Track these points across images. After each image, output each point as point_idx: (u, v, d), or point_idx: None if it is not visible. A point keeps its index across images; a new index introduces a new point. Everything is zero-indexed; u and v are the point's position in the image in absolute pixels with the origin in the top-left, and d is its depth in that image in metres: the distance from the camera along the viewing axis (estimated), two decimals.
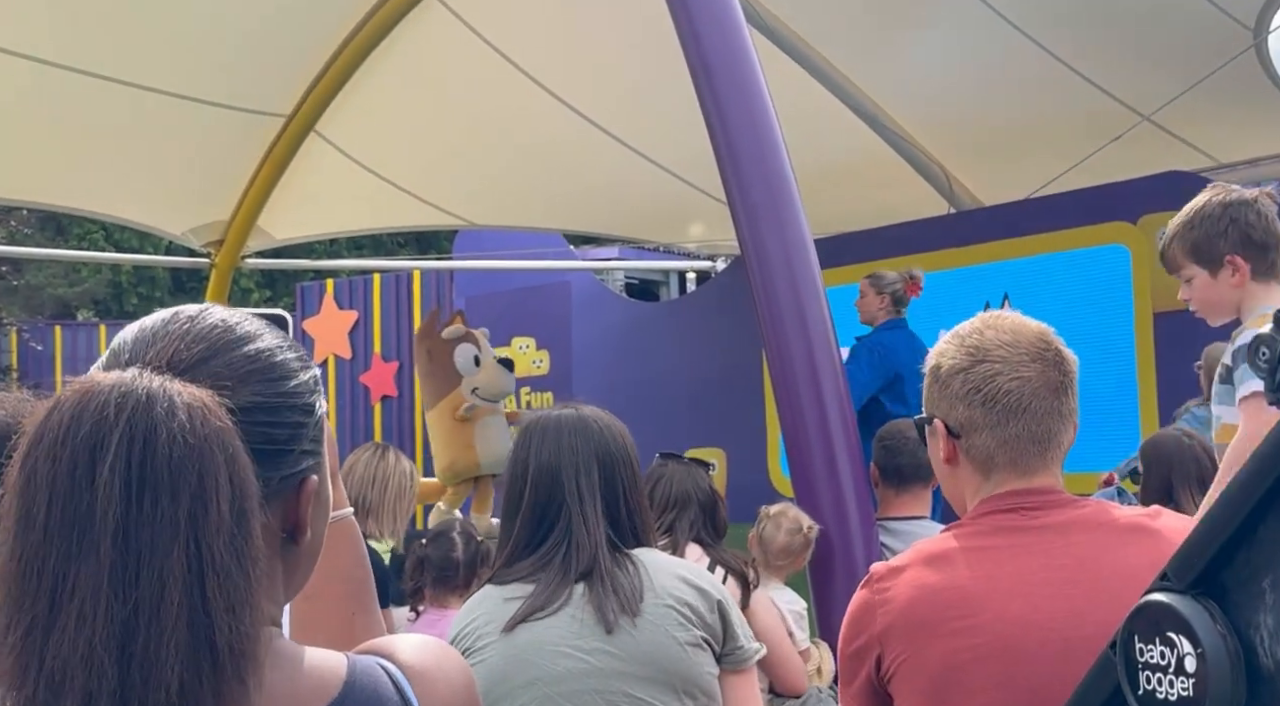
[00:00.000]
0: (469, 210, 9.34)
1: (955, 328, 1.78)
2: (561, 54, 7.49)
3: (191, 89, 7.03)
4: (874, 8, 7.27)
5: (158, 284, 21.21)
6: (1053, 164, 7.61)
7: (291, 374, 1.04)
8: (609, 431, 2.16)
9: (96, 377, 0.92)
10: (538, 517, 2.09)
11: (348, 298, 13.46)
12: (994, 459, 1.68)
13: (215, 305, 1.06)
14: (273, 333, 1.05)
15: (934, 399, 1.74)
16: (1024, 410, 1.66)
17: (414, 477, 3.89)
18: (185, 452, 0.88)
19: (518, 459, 2.15)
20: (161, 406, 0.89)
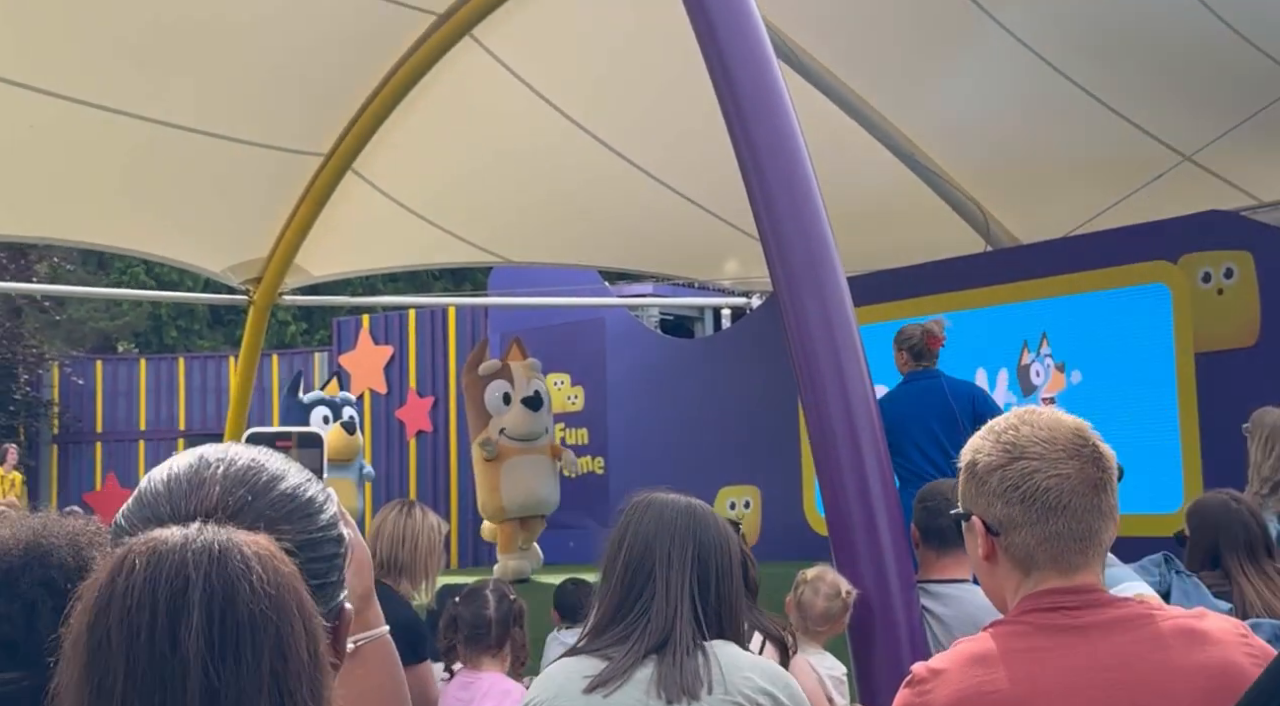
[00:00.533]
0: (504, 247, 9.38)
1: (990, 423, 1.75)
2: (596, 92, 7.53)
3: (232, 129, 7.12)
4: (909, 46, 7.27)
5: (196, 317, 21.44)
6: (1091, 202, 7.56)
7: (323, 507, 1.04)
8: (712, 520, 2.18)
9: (160, 536, 0.90)
10: (626, 587, 2.10)
11: (384, 333, 13.54)
12: (1034, 557, 1.66)
13: (233, 444, 1.05)
14: (295, 468, 1.05)
15: (971, 495, 1.72)
16: (1064, 508, 1.64)
17: (441, 531, 3.88)
18: (265, 605, 0.87)
19: (617, 531, 2.17)
20: (235, 560, 0.88)
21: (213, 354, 17.28)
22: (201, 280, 15.73)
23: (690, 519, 2.14)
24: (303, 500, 1.02)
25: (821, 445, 2.57)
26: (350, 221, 8.38)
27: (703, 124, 6.44)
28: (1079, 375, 8.08)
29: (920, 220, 8.50)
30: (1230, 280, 7.34)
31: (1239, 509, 3.51)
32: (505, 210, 8.76)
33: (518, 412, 8.54)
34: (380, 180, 8.12)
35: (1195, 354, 7.48)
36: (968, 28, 6.79)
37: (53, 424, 16.48)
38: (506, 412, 8.56)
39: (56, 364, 16.78)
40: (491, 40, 7.03)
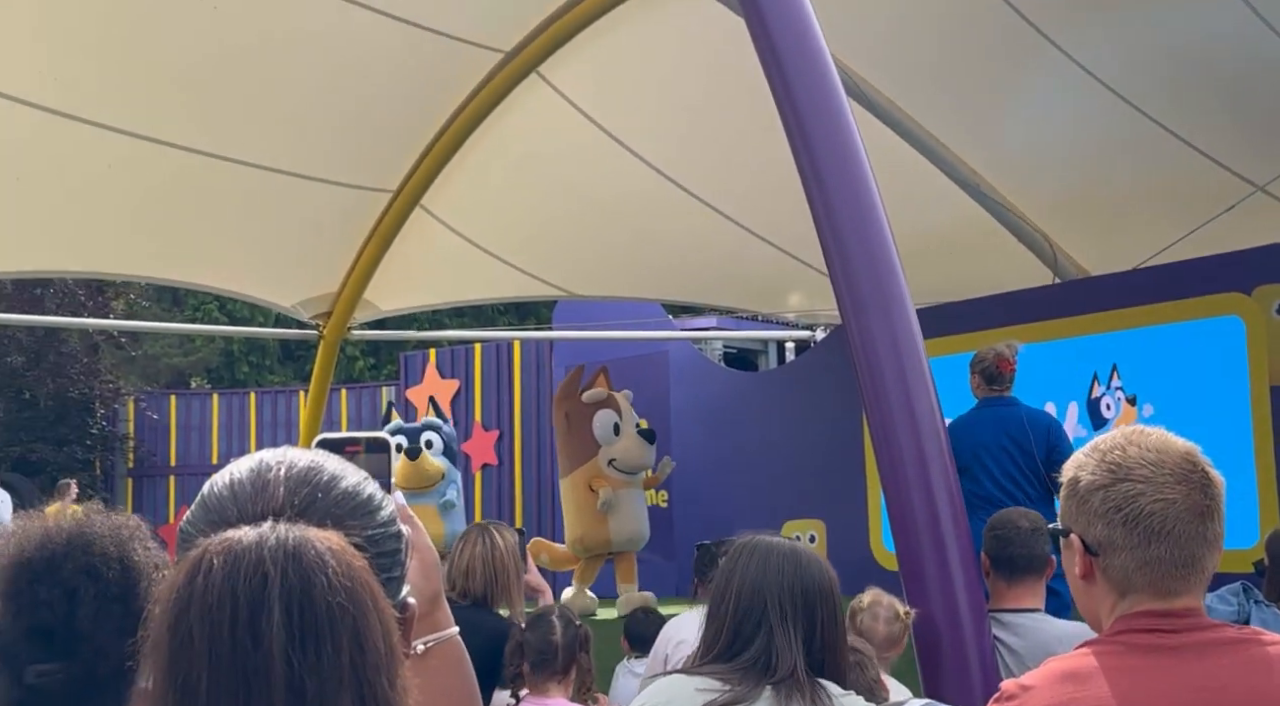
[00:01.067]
0: (569, 280, 9.45)
1: (1096, 440, 1.72)
2: (659, 126, 7.59)
3: (304, 167, 7.27)
4: (974, 77, 7.25)
5: (267, 353, 21.78)
6: (1161, 234, 7.45)
7: (382, 504, 1.06)
8: (817, 565, 2.24)
9: (235, 535, 0.92)
10: (735, 630, 2.17)
11: (449, 366, 13.67)
12: (1132, 580, 1.63)
13: (289, 448, 1.07)
14: (351, 468, 1.06)
15: (1071, 513, 1.69)
16: (1167, 533, 1.60)
17: (516, 551, 3.92)
18: (342, 597, 0.89)
19: (725, 573, 2.25)
20: (310, 554, 0.90)
21: (283, 388, 17.54)
22: (273, 316, 16.00)
23: (796, 565, 2.21)
24: (363, 498, 1.03)
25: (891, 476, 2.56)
26: (418, 256, 8.49)
27: (767, 156, 6.46)
28: (1151, 408, 7.95)
29: (986, 253, 8.43)
30: None
31: None
32: (569, 244, 8.83)
33: (631, 443, 8.21)
34: (447, 216, 8.23)
35: (1270, 386, 7.33)
36: (1033, 58, 6.76)
37: (128, 457, 16.81)
38: (617, 442, 8.22)
39: (132, 399, 17.12)
40: (557, 76, 7.12)
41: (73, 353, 17.27)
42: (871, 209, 2.82)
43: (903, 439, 2.58)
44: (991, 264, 8.50)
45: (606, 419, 8.21)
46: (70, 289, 17.14)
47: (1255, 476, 7.35)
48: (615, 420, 8.18)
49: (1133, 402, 8.04)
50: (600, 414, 8.22)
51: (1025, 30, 6.45)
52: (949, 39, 6.88)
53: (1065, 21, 6.53)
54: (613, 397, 8.34)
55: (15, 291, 16.88)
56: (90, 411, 17.04)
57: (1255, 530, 7.15)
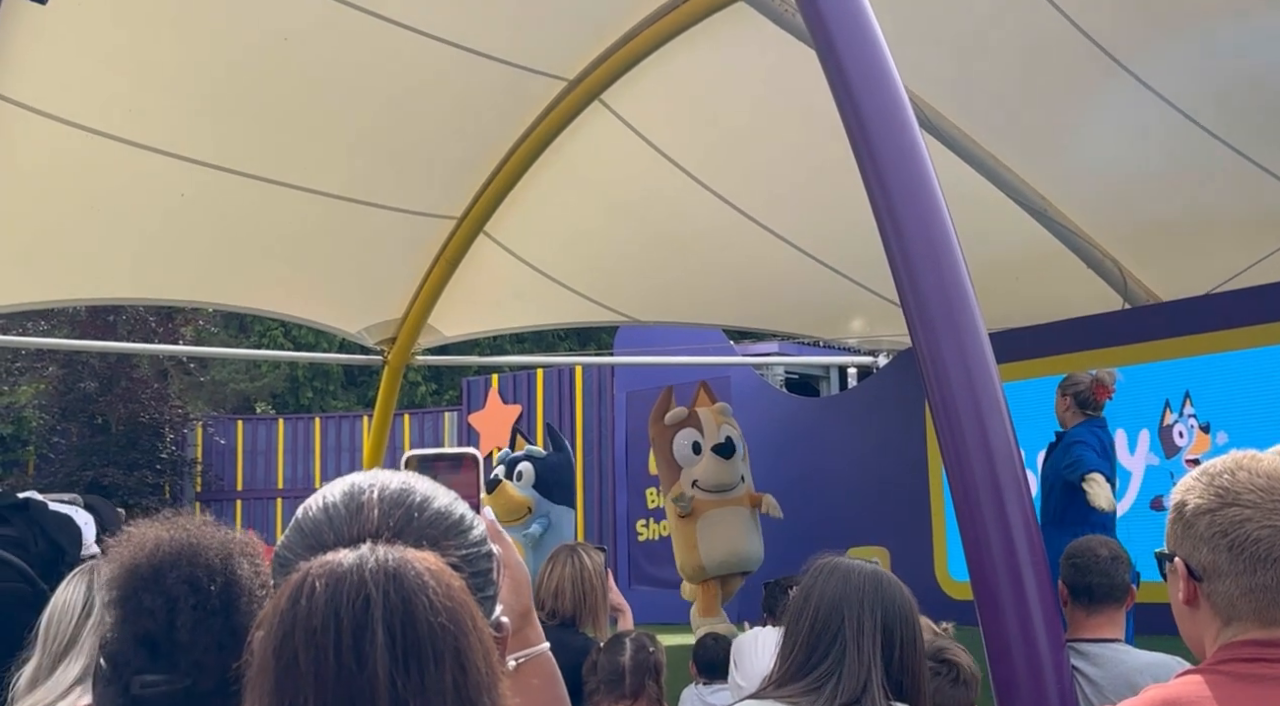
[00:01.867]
0: (631, 306, 9.47)
1: (1206, 464, 1.69)
2: (722, 153, 7.60)
3: (368, 194, 7.36)
4: (1043, 102, 7.17)
5: (331, 379, 22.04)
6: (1234, 259, 7.32)
7: (473, 523, 1.06)
8: (897, 588, 2.23)
9: (335, 558, 0.92)
10: (813, 645, 2.15)
11: (511, 392, 13.74)
12: (1237, 607, 1.59)
13: (379, 470, 1.07)
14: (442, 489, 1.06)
15: (1177, 537, 1.66)
16: (1274, 560, 1.57)
17: (603, 571, 3.95)
18: (443, 618, 0.89)
19: (804, 590, 2.24)
20: (411, 577, 0.90)
21: (346, 414, 17.73)
22: (336, 341, 16.19)
23: (875, 585, 2.19)
24: (455, 518, 1.04)
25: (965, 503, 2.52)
26: (481, 282, 8.55)
27: (828, 182, 6.44)
28: (1225, 436, 7.79)
29: (1056, 278, 8.33)
30: None
31: None
32: (631, 270, 8.85)
33: (709, 462, 7.89)
34: (510, 242, 8.29)
35: None
36: (1104, 83, 6.68)
37: (196, 481, 17.07)
38: (697, 462, 7.94)
39: (200, 424, 17.40)
40: (620, 104, 7.16)
41: (143, 378, 17.60)
42: (944, 235, 2.79)
43: (976, 466, 2.54)
44: (1062, 289, 8.39)
45: (686, 439, 7.97)
46: (141, 316, 17.49)
47: None
48: (695, 439, 7.91)
49: (1206, 430, 7.88)
50: (680, 435, 7.99)
51: (1096, 55, 6.38)
52: (1018, 66, 6.83)
53: (1137, 45, 6.45)
54: (694, 415, 8.02)
55: (89, 318, 17.26)
56: (160, 436, 17.34)
57: None
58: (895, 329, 8.99)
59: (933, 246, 2.73)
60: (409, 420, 15.61)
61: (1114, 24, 6.27)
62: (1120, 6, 6.14)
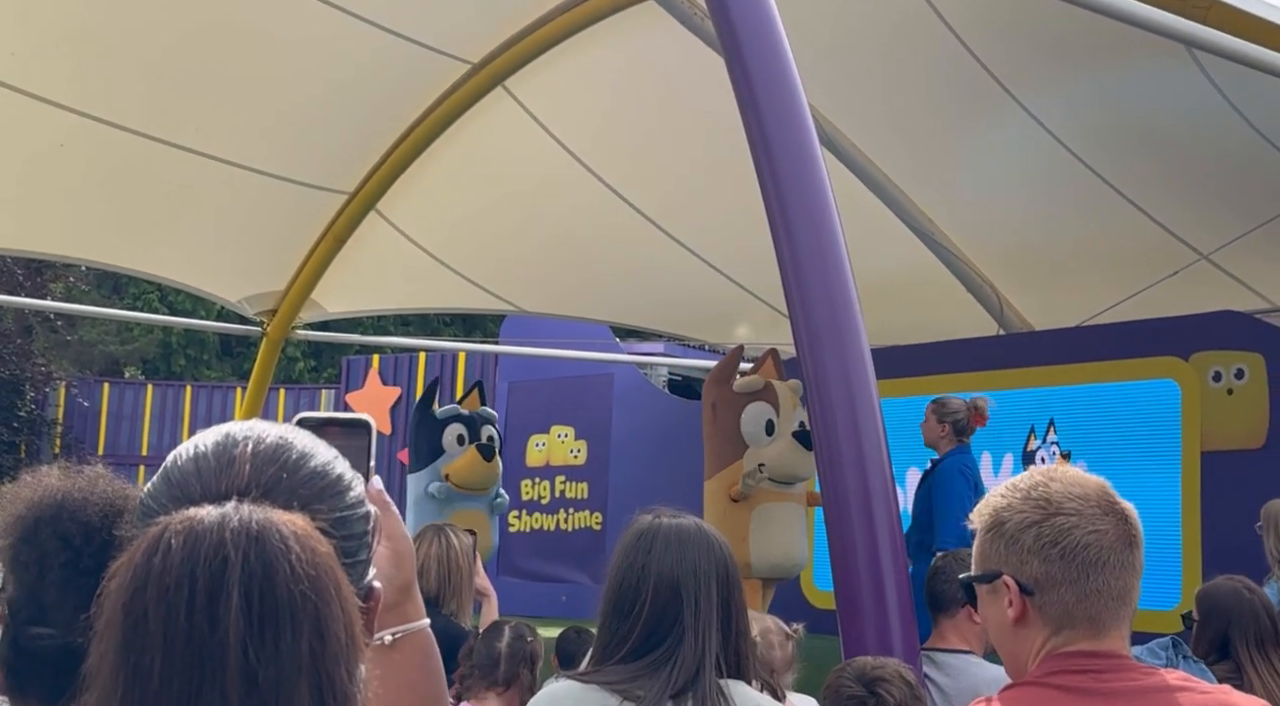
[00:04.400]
0: (519, 296, 9.43)
1: (1010, 482, 1.71)
2: (623, 150, 7.62)
3: (260, 162, 7.19)
4: (936, 128, 7.35)
5: (206, 347, 21.49)
6: (1106, 294, 7.59)
7: (351, 484, 1.02)
8: (726, 550, 2.11)
9: (196, 515, 0.88)
10: (650, 628, 2.02)
11: (392, 374, 13.58)
12: (1072, 614, 1.61)
13: (257, 421, 1.03)
14: (322, 445, 1.03)
15: (999, 555, 1.65)
16: (1104, 564, 1.61)
17: (470, 552, 3.92)
18: (304, 585, 0.86)
19: (634, 562, 2.07)
20: (274, 540, 0.87)
21: (220, 384, 17.32)
22: (215, 309, 15.80)
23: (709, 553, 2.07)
24: (332, 477, 1.00)
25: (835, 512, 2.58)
26: (369, 261, 8.43)
27: (723, 188, 6.51)
28: (1084, 465, 8.03)
29: (936, 301, 8.54)
30: (1241, 381, 7.35)
31: (1251, 598, 3.45)
32: (522, 260, 8.82)
33: (786, 447, 6.59)
34: (402, 222, 8.19)
35: (1202, 452, 7.47)
36: (994, 110, 6.87)
37: (55, 443, 16.49)
38: (769, 445, 6.66)
39: (64, 384, 16.81)
40: (522, 91, 7.12)
41: (5, 333, 16.93)
42: (835, 249, 2.84)
43: (849, 476, 2.59)
44: (941, 311, 8.60)
45: (760, 415, 6.69)
46: (8, 267, 16.82)
47: (1180, 539, 7.47)
48: (770, 416, 6.71)
49: (1067, 458, 8.15)
50: (752, 408, 6.70)
51: (988, 82, 6.56)
52: (912, 87, 6.98)
53: (1026, 77, 6.64)
54: (771, 389, 6.82)
55: None
56: (20, 393, 16.70)
57: (1178, 592, 7.26)
58: (780, 337, 9.11)
59: (823, 257, 2.78)
60: (284, 395, 15.31)
61: (1009, 57, 6.46)
62: (1016, 40, 6.33)
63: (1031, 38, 6.24)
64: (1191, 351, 7.52)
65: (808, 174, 2.87)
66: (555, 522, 12.02)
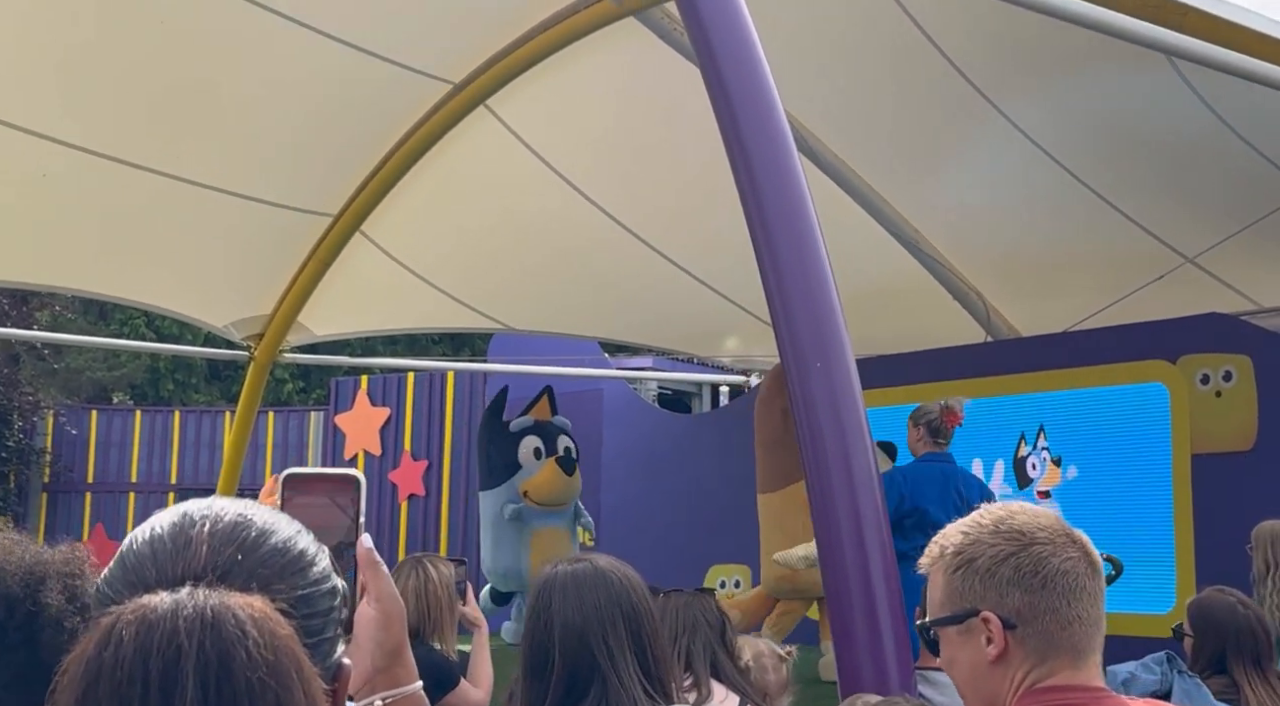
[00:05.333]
0: (507, 314, 9.42)
1: (965, 521, 1.68)
2: (606, 165, 7.62)
3: (242, 186, 7.18)
4: (918, 136, 7.37)
5: (194, 372, 21.42)
6: (1092, 299, 7.61)
7: (315, 558, 0.99)
8: (628, 583, 2.08)
9: (149, 603, 0.86)
10: (569, 682, 1.99)
11: (381, 395, 13.53)
12: (1056, 644, 1.59)
13: (217, 499, 1.00)
14: (284, 520, 1.00)
15: (977, 592, 1.61)
16: (1081, 590, 1.60)
17: (451, 583, 3.87)
18: (263, 671, 0.84)
19: (539, 619, 2.05)
20: (230, 626, 0.84)
21: (208, 408, 17.24)
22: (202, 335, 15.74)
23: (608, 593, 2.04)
24: (294, 554, 0.97)
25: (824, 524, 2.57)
26: (355, 282, 8.42)
27: (708, 201, 6.51)
28: (1075, 470, 8.07)
29: (922, 308, 8.55)
30: (1229, 383, 7.37)
31: (1247, 614, 3.43)
32: (509, 277, 8.81)
33: None
34: (387, 243, 8.18)
35: (1192, 455, 7.48)
36: (978, 122, 6.90)
37: (44, 472, 16.39)
38: None
39: (51, 412, 16.72)
40: (505, 110, 7.13)
41: None
42: (816, 259, 2.84)
43: (837, 488, 2.59)
44: (928, 319, 8.61)
45: None
46: None
47: (1173, 542, 7.47)
48: None
49: (1058, 464, 8.16)
50: None
51: (971, 94, 6.58)
52: (897, 99, 7.01)
53: (1010, 88, 6.67)
54: None
55: None
56: (8, 423, 16.60)
57: (1172, 595, 7.27)
58: (768, 349, 9.12)
59: (805, 269, 2.78)
60: (273, 418, 15.25)
61: (989, 65, 6.48)
62: (996, 49, 6.35)
63: (1010, 46, 6.27)
64: (1179, 354, 7.54)
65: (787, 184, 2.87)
66: None
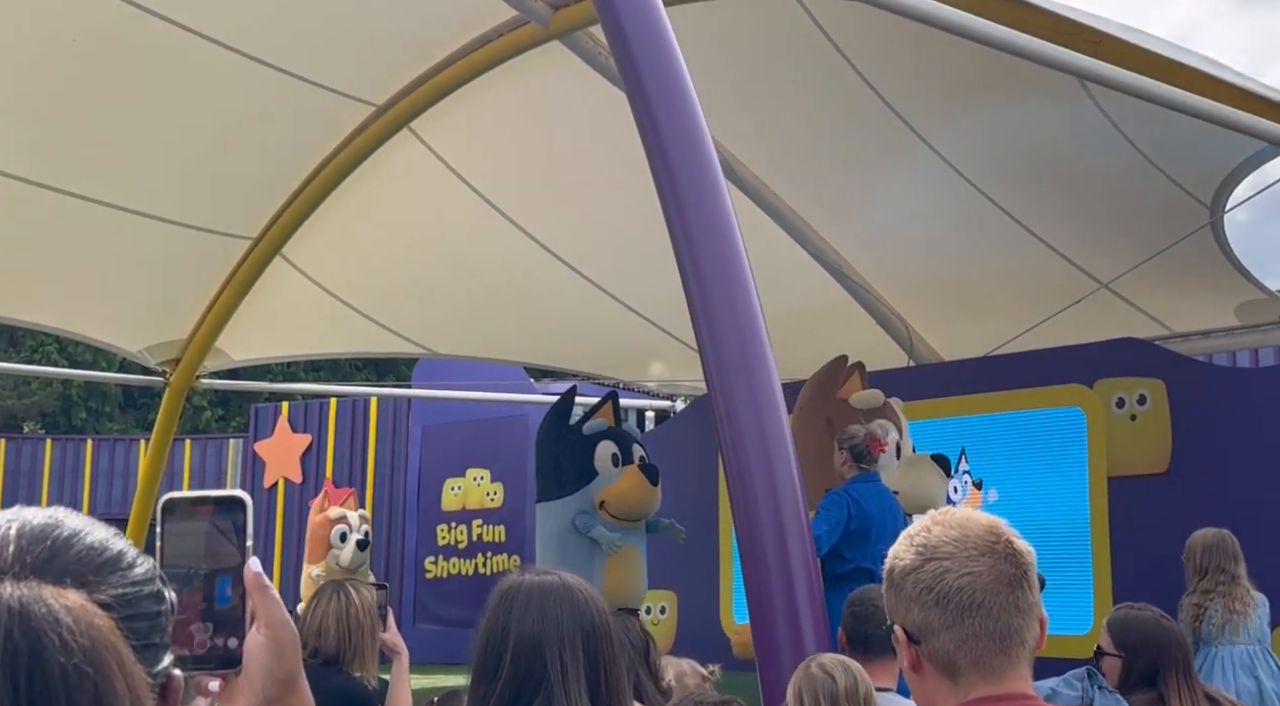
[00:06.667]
0: (431, 339, 9.33)
1: (908, 528, 1.70)
2: (532, 191, 7.60)
3: (157, 209, 7.04)
4: (842, 162, 7.45)
5: (108, 399, 20.95)
6: (1012, 324, 7.72)
7: (135, 562, 0.95)
8: (592, 603, 2.06)
9: None
10: (514, 691, 1.97)
11: (302, 421, 13.33)
12: (956, 662, 1.57)
13: (23, 507, 0.96)
14: (100, 525, 0.96)
15: (892, 603, 1.65)
16: (978, 606, 1.57)
17: (373, 608, 3.77)
18: (79, 659, 0.80)
19: (496, 624, 2.02)
20: (40, 615, 0.80)
21: (122, 437, 16.86)
22: (117, 360, 15.41)
23: (572, 609, 2.02)
24: (111, 554, 0.93)
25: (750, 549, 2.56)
26: (276, 307, 8.28)
27: (634, 227, 6.51)
28: (995, 494, 8.17)
29: (847, 332, 8.61)
30: (1144, 407, 7.51)
31: (1172, 627, 3.52)
32: (433, 302, 8.73)
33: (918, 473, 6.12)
34: (309, 267, 8.06)
35: (1108, 478, 7.61)
36: (901, 148, 6.99)
37: None
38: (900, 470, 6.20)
39: None
40: (429, 133, 7.08)
41: None
42: (742, 283, 2.84)
43: (763, 513, 2.58)
44: (852, 343, 8.66)
45: None
46: None
47: (1090, 564, 7.59)
48: (895, 437, 6.15)
49: (979, 487, 8.26)
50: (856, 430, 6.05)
51: (894, 121, 6.67)
52: (821, 125, 7.07)
53: (932, 114, 6.77)
54: (889, 408, 6.25)
55: None
56: None
57: (1089, 616, 7.37)
58: (694, 374, 9.13)
59: (731, 293, 2.78)
60: (190, 446, 14.96)
61: (912, 92, 6.57)
62: (917, 76, 6.44)
63: (932, 74, 6.36)
64: (1095, 378, 7.68)
65: (713, 209, 2.87)
66: (473, 567, 11.87)
